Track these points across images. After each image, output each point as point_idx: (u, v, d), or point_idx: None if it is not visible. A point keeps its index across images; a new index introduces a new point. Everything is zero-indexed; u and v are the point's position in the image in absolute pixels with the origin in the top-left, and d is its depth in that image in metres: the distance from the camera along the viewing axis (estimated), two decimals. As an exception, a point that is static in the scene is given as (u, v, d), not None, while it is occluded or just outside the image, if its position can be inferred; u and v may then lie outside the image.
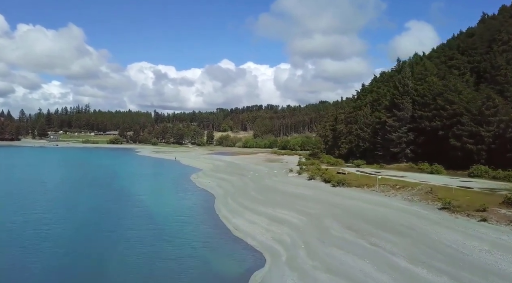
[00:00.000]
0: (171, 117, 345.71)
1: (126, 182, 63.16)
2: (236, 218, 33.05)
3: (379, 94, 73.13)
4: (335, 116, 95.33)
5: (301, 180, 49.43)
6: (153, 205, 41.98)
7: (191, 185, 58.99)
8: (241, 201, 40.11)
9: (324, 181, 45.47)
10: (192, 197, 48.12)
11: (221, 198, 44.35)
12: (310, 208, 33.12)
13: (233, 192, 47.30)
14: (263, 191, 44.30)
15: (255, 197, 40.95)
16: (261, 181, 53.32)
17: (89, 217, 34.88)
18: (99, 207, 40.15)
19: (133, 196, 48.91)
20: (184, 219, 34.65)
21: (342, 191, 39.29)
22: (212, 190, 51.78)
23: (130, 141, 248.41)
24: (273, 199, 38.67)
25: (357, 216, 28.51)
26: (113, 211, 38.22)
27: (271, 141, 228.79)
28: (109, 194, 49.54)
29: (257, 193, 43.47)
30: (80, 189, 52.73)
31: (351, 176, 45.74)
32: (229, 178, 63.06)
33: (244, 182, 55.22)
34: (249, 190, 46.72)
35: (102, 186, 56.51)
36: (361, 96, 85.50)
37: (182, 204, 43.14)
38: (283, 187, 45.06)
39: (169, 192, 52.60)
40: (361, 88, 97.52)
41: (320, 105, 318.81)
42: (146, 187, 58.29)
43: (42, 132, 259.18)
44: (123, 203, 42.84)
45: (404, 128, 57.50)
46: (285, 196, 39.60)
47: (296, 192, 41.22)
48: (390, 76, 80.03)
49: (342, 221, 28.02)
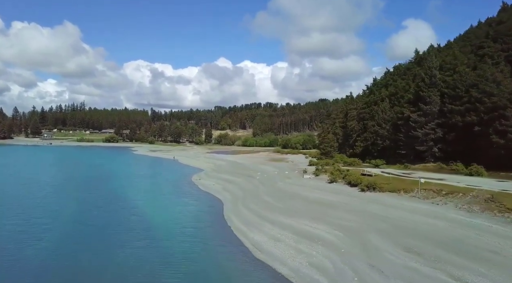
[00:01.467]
0: (168, 115, 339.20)
1: (120, 184, 56.85)
2: (253, 232, 26.89)
3: (397, 88, 67.12)
4: (345, 112, 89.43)
5: (320, 182, 43.33)
6: (150, 213, 35.77)
7: (193, 188, 52.78)
8: (255, 208, 33.96)
9: (349, 184, 39.41)
10: (196, 202, 41.91)
11: (230, 204, 38.18)
12: (345, 219, 27.05)
13: (243, 196, 41.13)
14: (279, 196, 38.16)
15: (271, 204, 34.80)
16: (273, 183, 47.19)
17: (71, 231, 28.60)
18: (85, 216, 33.88)
19: (128, 201, 42.66)
20: (190, 232, 28.49)
21: (375, 197, 33.24)
22: (218, 194, 45.61)
23: (127, 139, 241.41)
24: (294, 206, 32.59)
25: (411, 232, 22.46)
26: (102, 221, 31.96)
27: (271, 139, 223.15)
28: (100, 199, 43.26)
29: (272, 198, 37.33)
30: (66, 194, 46.31)
31: (379, 178, 39.68)
32: (234, 179, 56.88)
33: (253, 184, 49.07)
34: (261, 194, 40.57)
35: (92, 189, 50.19)
36: (374, 91, 79.49)
37: (185, 211, 36.94)
38: (301, 191, 38.94)
39: (169, 196, 46.38)
40: (372, 83, 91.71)
41: (320, 103, 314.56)
42: (143, 190, 52.01)
43: (35, 131, 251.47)
44: (115, 211, 36.57)
45: (431, 124, 51.54)
46: (307, 203, 33.50)
47: (320, 197, 35.12)
48: (407, 69, 74.12)
49: (393, 238, 21.97)
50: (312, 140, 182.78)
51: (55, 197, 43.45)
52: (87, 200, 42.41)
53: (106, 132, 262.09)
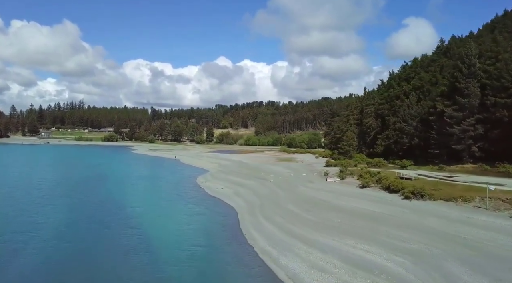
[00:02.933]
0: (168, 114, 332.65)
1: (117, 187, 50.75)
2: (285, 256, 20.73)
3: (422, 81, 60.95)
4: (360, 109, 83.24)
5: (349, 187, 37.20)
6: (151, 225, 29.68)
7: (200, 192, 46.64)
8: (279, 221, 27.80)
9: (386, 190, 33.34)
10: (204, 210, 35.73)
11: (247, 214, 32.01)
12: (402, 239, 20.92)
13: (260, 204, 34.96)
14: (305, 204, 32.02)
15: (299, 215, 28.66)
16: (293, 187, 41.06)
17: (50, 252, 22.48)
18: (72, 230, 27.79)
19: (124, 208, 36.57)
20: (202, 254, 22.39)
21: (426, 207, 27.11)
22: (229, 199, 39.46)
23: (126, 138, 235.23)
24: (329, 219, 26.45)
25: (507, 262, 16.36)
26: (91, 237, 25.87)
27: (274, 138, 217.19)
28: (92, 206, 37.17)
29: (298, 207, 31.19)
30: (53, 200, 40.09)
31: (421, 183, 33.52)
32: (245, 182, 50.75)
33: (269, 188, 42.90)
34: (282, 201, 34.43)
35: (85, 194, 44.05)
36: (393, 85, 73.24)
37: (193, 223, 30.82)
38: (331, 199, 32.80)
39: (172, 202, 40.25)
40: (389, 77, 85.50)
41: (323, 101, 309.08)
42: (142, 195, 45.91)
43: (33, 129, 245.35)
44: (108, 222, 30.47)
45: (470, 120, 45.40)
46: (344, 214, 27.36)
47: (357, 207, 29.01)
48: (431, 60, 67.95)
49: (484, 270, 15.87)
50: (318, 139, 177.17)
51: (40, 204, 37.29)
52: (78, 207, 36.28)
53: (105, 131, 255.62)
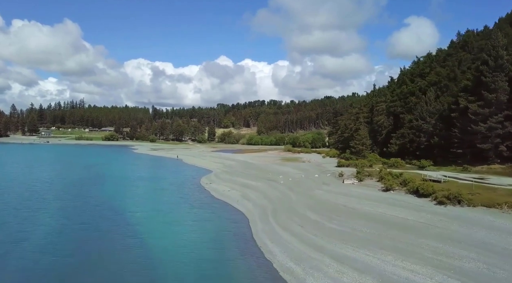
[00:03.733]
0: (169, 113, 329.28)
1: (116, 189, 47.43)
2: (313, 276, 17.26)
3: (439, 76, 57.49)
4: (370, 106, 79.82)
5: (371, 190, 33.75)
6: (153, 233, 26.34)
7: (205, 195, 43.28)
8: (298, 230, 24.37)
9: (414, 194, 29.87)
10: (211, 216, 32.33)
11: (259, 220, 28.60)
12: (455, 256, 17.50)
13: (273, 209, 31.56)
14: (325, 210, 28.60)
15: (320, 223, 25.23)
16: (307, 190, 37.64)
17: (31, 270, 19.14)
18: (63, 239, 24.45)
19: (123, 213, 33.26)
20: (212, 272, 19.00)
21: (466, 214, 23.64)
22: (237, 203, 36.08)
23: (127, 138, 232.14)
24: (357, 228, 23.03)
25: None
26: (84, 249, 22.53)
27: (277, 138, 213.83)
28: (87, 211, 33.85)
29: (317, 213, 27.77)
30: (45, 204, 36.74)
31: (452, 186, 30.07)
32: (253, 184, 47.37)
33: (280, 191, 39.48)
34: (298, 207, 31.01)
35: (80, 197, 40.73)
36: (406, 81, 69.73)
37: (200, 230, 27.45)
38: (354, 204, 29.37)
39: (176, 206, 36.90)
40: (400, 73, 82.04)
41: (326, 100, 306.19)
42: (143, 198, 42.53)
43: (32, 128, 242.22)
44: (104, 231, 27.13)
45: (497, 117, 41.94)
46: (373, 222, 23.93)
47: (385, 214, 25.57)
48: (447, 55, 64.49)
49: None
50: (322, 138, 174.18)
51: (30, 208, 33.94)
52: (71, 212, 32.95)
53: (106, 130, 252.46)
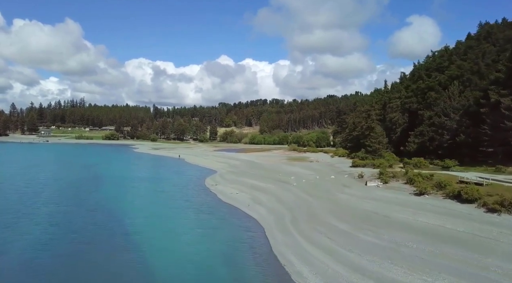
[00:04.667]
0: (171, 112, 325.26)
1: (115, 191, 43.65)
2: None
3: (462, 69, 53.51)
4: (382, 103, 75.87)
5: (401, 194, 29.83)
6: (156, 246, 22.53)
7: (211, 198, 39.45)
8: (328, 244, 20.48)
9: (454, 199, 25.95)
10: (220, 224, 28.46)
11: (277, 230, 24.72)
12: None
13: (292, 216, 27.65)
14: (356, 218, 24.67)
15: (353, 235, 21.34)
16: (327, 194, 33.73)
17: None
18: (49, 253, 20.67)
19: (121, 219, 29.50)
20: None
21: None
22: (248, 209, 32.22)
23: (128, 137, 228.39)
24: (400, 242, 19.16)
25: None
26: (73, 267, 18.72)
27: (280, 137, 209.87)
28: (83, 216, 30.07)
29: (347, 223, 23.86)
30: (38, 207, 32.92)
31: (498, 189, 26.15)
32: (263, 185, 43.50)
33: (295, 195, 35.59)
34: (320, 213, 27.12)
35: (76, 200, 36.92)
36: (422, 76, 65.73)
37: (209, 243, 23.63)
38: (387, 211, 25.43)
39: (180, 211, 33.07)
40: (414, 68, 78.14)
41: (329, 99, 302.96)
42: (144, 201, 38.68)
43: (32, 127, 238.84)
44: (99, 241, 23.35)
45: (535, 112, 38.08)
46: (418, 235, 20.03)
47: (431, 224, 21.67)
48: (468, 47, 60.50)
49: None
50: (326, 137, 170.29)
51: (18, 213, 30.14)
52: (64, 218, 29.16)
53: (106, 129, 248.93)
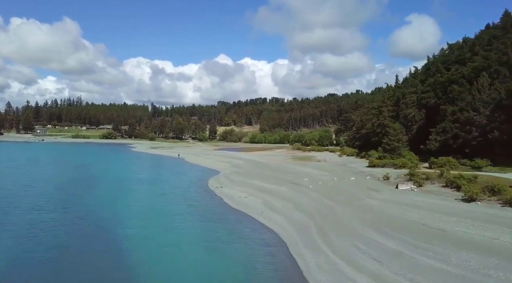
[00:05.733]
0: (169, 111, 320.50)
1: (108, 194, 39.00)
2: None
3: (489, 60, 49.08)
4: (395, 99, 71.39)
5: (443, 200, 25.30)
6: (155, 267, 17.96)
7: (216, 202, 34.84)
8: (383, 272, 15.82)
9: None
10: (233, 236, 23.81)
11: (303, 245, 20.11)
12: None
13: (317, 227, 23.02)
14: (400, 231, 20.06)
15: (407, 255, 16.73)
16: (352, 198, 29.16)
17: None
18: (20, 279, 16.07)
19: (115, 230, 24.91)
20: None
21: None
22: (262, 217, 27.58)
23: (125, 136, 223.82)
24: (475, 267, 14.61)
25: None
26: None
27: (281, 136, 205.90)
28: (69, 225, 25.46)
29: (391, 237, 19.27)
30: (17, 213, 28.19)
31: None
32: (274, 188, 38.90)
33: (314, 200, 30.96)
34: (352, 223, 22.54)
35: (63, 205, 32.16)
36: (440, 69, 61.23)
37: (220, 262, 19.05)
38: (435, 221, 20.88)
39: (183, 219, 28.44)
40: (428, 62, 73.74)
41: (330, 97, 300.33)
42: (141, 207, 34.04)
43: (28, 126, 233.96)
44: (86, 259, 18.74)
45: None
46: (493, 256, 15.47)
47: (507, 242, 17.11)
48: (492, 37, 56.07)
49: None
50: (329, 136, 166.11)
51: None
52: (43, 230, 24.45)
53: (103, 128, 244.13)
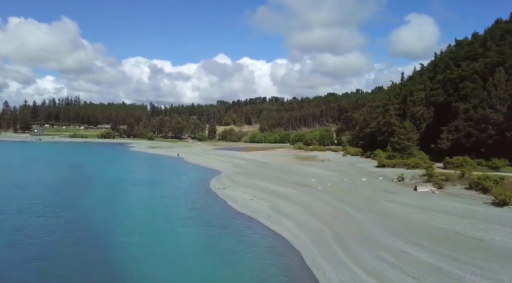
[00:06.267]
0: (168, 110, 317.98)
1: (105, 197, 36.65)
2: None
3: (504, 55, 46.87)
4: (402, 96, 69.05)
5: (471, 204, 23.09)
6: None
7: (220, 205, 32.50)
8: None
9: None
10: (241, 244, 21.47)
11: (321, 256, 17.78)
12: None
13: (333, 234, 20.74)
14: (430, 240, 17.78)
15: (453, 275, 14.41)
16: (368, 202, 26.89)
17: None
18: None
19: (107, 237, 22.59)
20: None
21: None
22: (271, 222, 25.24)
23: (124, 135, 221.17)
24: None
25: None
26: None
27: (281, 135, 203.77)
28: (59, 231, 23.13)
29: (422, 247, 16.99)
30: (3, 218, 25.92)
31: None
32: (281, 190, 36.57)
33: (327, 203, 28.65)
34: (373, 230, 20.27)
35: (54, 208, 29.82)
36: (450, 65, 59.02)
37: (232, 278, 16.74)
38: (468, 229, 18.66)
39: (185, 225, 26.12)
40: (435, 59, 71.56)
41: (330, 96, 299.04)
42: (138, 211, 31.65)
43: (25, 126, 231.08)
44: (76, 275, 16.42)
45: None
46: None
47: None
48: (505, 31, 53.87)
49: None
50: (330, 136, 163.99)
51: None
52: (28, 236, 22.12)
53: (102, 127, 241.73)
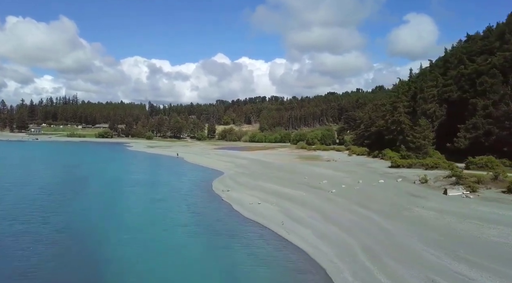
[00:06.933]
0: (167, 109, 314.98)
1: (98, 200, 33.59)
2: None
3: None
4: (412, 93, 66.25)
5: None
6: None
7: (225, 209, 29.50)
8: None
9: None
10: (252, 257, 18.51)
11: (355, 279, 14.93)
12: None
13: (362, 248, 17.82)
14: (486, 258, 14.87)
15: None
16: (394, 207, 23.95)
17: None
18: None
19: (100, 246, 19.59)
20: None
21: None
22: (284, 230, 22.28)
23: (122, 135, 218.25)
24: None
25: None
26: None
27: (282, 135, 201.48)
28: (42, 242, 20.12)
29: (482, 270, 14.10)
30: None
31: None
32: (291, 192, 33.61)
33: (345, 208, 25.69)
34: (414, 244, 17.32)
35: (43, 213, 26.68)
36: (464, 60, 56.17)
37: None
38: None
39: (187, 232, 23.12)
40: (446, 54, 68.73)
41: (330, 96, 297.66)
42: (136, 216, 28.60)
43: (22, 125, 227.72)
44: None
45: None
46: None
47: None
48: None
49: None
50: (332, 135, 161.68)
51: None
52: (10, 248, 19.13)
53: (100, 127, 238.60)
